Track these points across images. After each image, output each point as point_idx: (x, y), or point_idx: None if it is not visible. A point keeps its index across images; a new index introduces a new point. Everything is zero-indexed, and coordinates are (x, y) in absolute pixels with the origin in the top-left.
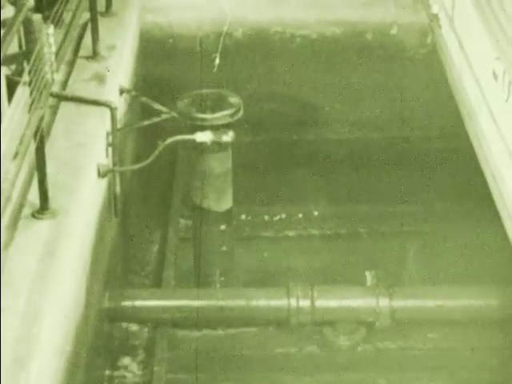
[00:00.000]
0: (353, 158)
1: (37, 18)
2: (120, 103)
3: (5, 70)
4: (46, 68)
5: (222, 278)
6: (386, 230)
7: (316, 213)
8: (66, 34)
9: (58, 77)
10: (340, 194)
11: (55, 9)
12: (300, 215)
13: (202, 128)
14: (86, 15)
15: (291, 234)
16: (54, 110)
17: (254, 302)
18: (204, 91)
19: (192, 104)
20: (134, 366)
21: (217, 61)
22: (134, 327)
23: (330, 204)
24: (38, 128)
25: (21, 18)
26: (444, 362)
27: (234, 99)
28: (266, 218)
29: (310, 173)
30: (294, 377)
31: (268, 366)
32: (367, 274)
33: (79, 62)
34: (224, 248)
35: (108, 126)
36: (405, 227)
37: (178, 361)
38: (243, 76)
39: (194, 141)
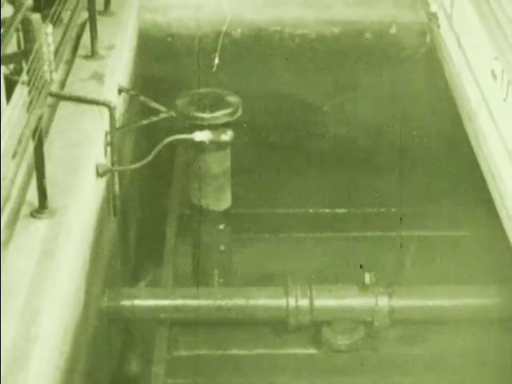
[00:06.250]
0: (352, 157)
1: (35, 17)
2: (118, 102)
3: (3, 69)
4: (45, 67)
5: (221, 278)
6: (384, 232)
7: (314, 213)
8: (64, 33)
9: (57, 76)
10: (338, 194)
11: (54, 8)
12: (299, 215)
13: (201, 127)
14: (85, 14)
15: (290, 233)
16: (53, 109)
17: (252, 302)
18: (203, 90)
19: (191, 103)
20: (133, 366)
21: (216, 60)
22: (132, 326)
23: (329, 204)
24: (36, 127)
25: (19, 17)
26: (443, 362)
27: (232, 98)
28: (265, 217)
29: (308, 172)
30: (293, 378)
31: (266, 366)
32: (366, 275)
33: (78, 61)
34: (222, 247)
35: (106, 126)
36: (403, 228)
37: (177, 360)
38: (242, 75)
39: (192, 140)
